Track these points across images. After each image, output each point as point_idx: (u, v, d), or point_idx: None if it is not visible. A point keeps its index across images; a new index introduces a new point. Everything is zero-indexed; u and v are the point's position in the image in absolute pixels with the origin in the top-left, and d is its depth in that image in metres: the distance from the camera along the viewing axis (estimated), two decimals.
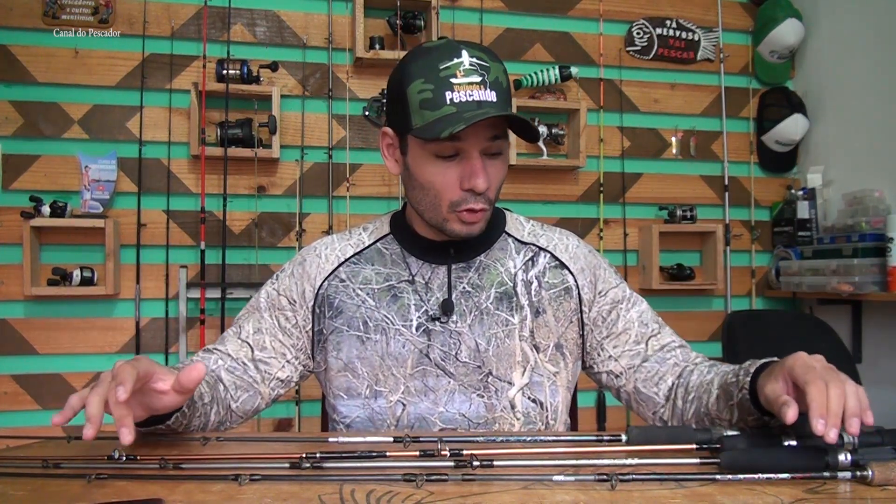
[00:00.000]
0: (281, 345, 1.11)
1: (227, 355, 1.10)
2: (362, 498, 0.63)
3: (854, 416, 0.72)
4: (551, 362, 1.09)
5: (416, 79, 0.97)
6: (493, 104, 0.96)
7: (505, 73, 1.01)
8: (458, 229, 1.03)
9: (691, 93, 3.04)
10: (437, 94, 0.95)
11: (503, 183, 1.07)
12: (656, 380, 1.09)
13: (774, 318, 2.69)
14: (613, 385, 1.14)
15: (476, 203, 1.00)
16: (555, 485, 0.68)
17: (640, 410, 1.12)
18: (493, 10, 2.83)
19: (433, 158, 1.00)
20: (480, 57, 0.97)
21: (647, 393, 1.09)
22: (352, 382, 1.07)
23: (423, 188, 1.02)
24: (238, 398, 1.08)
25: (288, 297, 1.12)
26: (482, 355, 1.06)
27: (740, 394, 0.89)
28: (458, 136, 0.95)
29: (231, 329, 1.14)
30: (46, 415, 2.43)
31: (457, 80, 0.95)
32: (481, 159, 0.99)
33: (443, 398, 1.05)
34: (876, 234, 2.47)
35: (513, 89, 2.76)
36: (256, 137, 2.51)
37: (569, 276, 1.12)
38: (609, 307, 1.13)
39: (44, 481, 0.71)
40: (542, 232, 1.17)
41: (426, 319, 1.07)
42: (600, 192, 2.89)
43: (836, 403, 0.72)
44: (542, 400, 1.08)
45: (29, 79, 2.45)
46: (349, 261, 1.12)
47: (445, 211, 1.02)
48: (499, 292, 1.08)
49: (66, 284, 2.35)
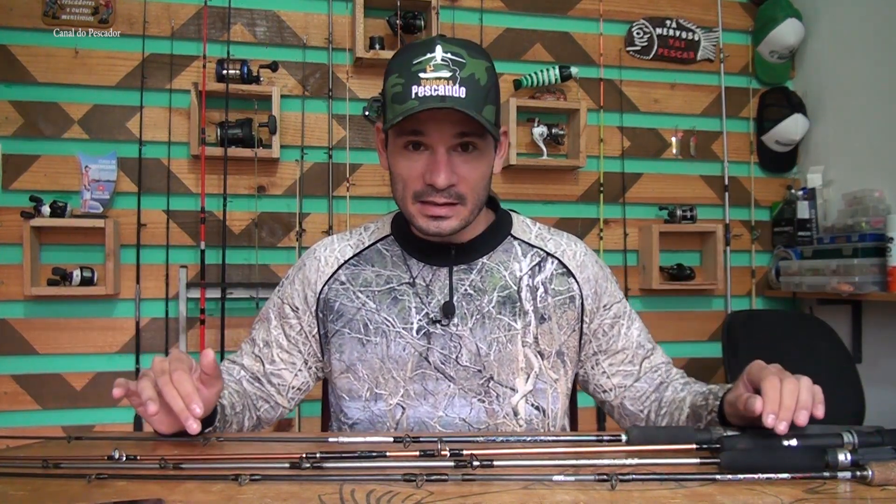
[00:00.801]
0: (289, 355, 1.12)
1: (246, 369, 1.14)
2: (362, 498, 0.63)
3: (804, 409, 0.76)
4: (553, 369, 1.09)
5: (392, 73, 0.98)
6: (459, 100, 0.93)
7: (488, 70, 0.98)
8: (422, 224, 1.01)
9: (691, 93, 3.04)
10: (405, 89, 0.95)
11: (487, 183, 1.04)
12: (643, 399, 1.12)
13: (774, 318, 2.69)
14: (599, 397, 1.17)
15: (438, 197, 0.98)
16: (555, 485, 0.68)
17: (621, 422, 1.15)
18: (493, 10, 2.82)
19: (403, 151, 1.00)
20: (457, 53, 0.96)
21: (633, 410, 1.12)
22: (353, 384, 1.08)
23: (395, 180, 1.04)
24: (261, 408, 1.12)
25: (291, 304, 1.13)
26: (483, 360, 1.05)
27: (709, 416, 0.93)
28: (422, 130, 0.97)
29: (246, 342, 1.17)
30: (46, 415, 2.43)
31: (425, 74, 0.94)
32: (447, 155, 0.98)
33: (442, 402, 1.04)
34: (876, 234, 2.47)
35: (512, 88, 2.77)
36: (256, 137, 2.51)
37: (574, 284, 1.11)
38: (611, 322, 1.13)
39: (44, 481, 0.70)
40: (550, 236, 1.15)
41: (427, 322, 1.06)
42: (600, 192, 2.88)
43: (789, 398, 0.77)
44: (545, 407, 1.08)
45: (29, 79, 2.45)
46: (349, 262, 1.12)
47: (410, 203, 1.01)
48: (501, 296, 1.07)
49: (66, 284, 2.35)
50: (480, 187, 1.02)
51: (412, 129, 0.97)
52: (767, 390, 0.78)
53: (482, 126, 0.96)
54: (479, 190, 1.02)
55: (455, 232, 1.02)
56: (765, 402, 0.76)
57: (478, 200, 1.03)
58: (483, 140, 1.00)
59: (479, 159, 1.01)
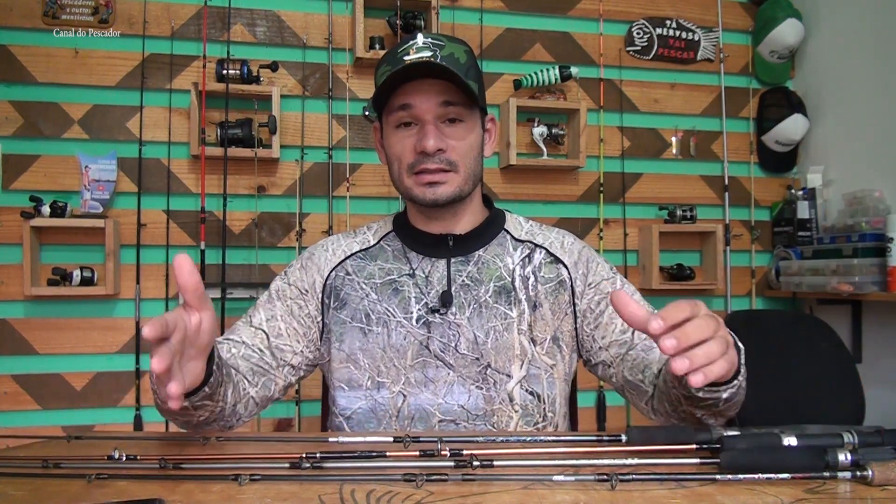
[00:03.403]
0: (295, 332, 1.13)
1: (242, 343, 1.10)
2: (362, 498, 0.63)
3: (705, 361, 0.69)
4: (548, 355, 1.11)
5: (381, 65, 1.08)
6: (442, 66, 1.01)
7: (467, 53, 1.07)
8: (419, 193, 1.07)
9: (691, 93, 3.04)
10: (392, 73, 1.03)
11: (477, 155, 1.11)
12: (642, 367, 1.07)
13: (774, 318, 2.69)
14: (608, 376, 1.14)
15: (430, 163, 1.05)
16: (555, 485, 0.68)
17: (634, 401, 1.11)
18: (493, 10, 2.83)
19: (394, 130, 1.08)
20: (437, 38, 1.06)
21: (634, 381, 1.07)
22: (353, 374, 1.09)
23: (390, 161, 1.10)
24: (257, 383, 1.07)
25: (300, 287, 1.15)
26: (481, 347, 1.08)
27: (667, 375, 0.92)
28: (409, 102, 1.04)
29: (241, 321, 1.15)
30: (46, 415, 2.43)
31: (409, 56, 1.04)
32: (434, 124, 1.05)
33: (442, 389, 1.07)
34: (876, 234, 2.47)
35: (512, 88, 2.77)
36: (256, 137, 2.51)
37: (563, 269, 1.15)
38: (599, 297, 1.14)
39: (44, 481, 0.70)
40: (540, 231, 1.20)
41: (426, 311, 1.09)
42: (600, 192, 2.88)
43: (694, 331, 0.70)
44: (540, 392, 1.09)
45: (29, 79, 2.45)
46: (355, 255, 1.16)
47: (406, 176, 1.08)
48: (497, 286, 1.11)
49: (66, 284, 2.35)
50: (471, 157, 1.09)
51: (400, 104, 1.05)
52: (667, 311, 0.70)
53: (465, 96, 1.05)
54: (469, 159, 1.08)
55: (451, 200, 1.08)
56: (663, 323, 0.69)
57: (469, 170, 1.09)
58: (469, 111, 1.08)
59: (466, 130, 1.08)
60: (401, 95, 1.05)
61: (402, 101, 1.05)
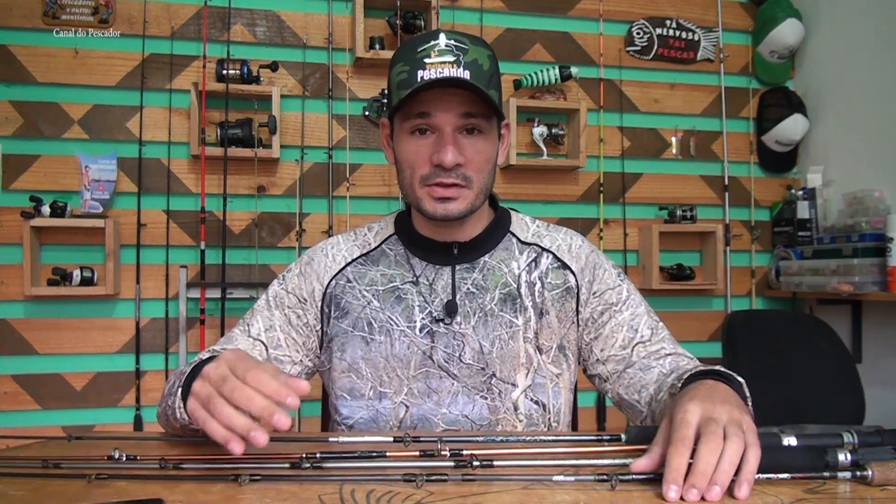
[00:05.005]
0: (294, 342, 1.09)
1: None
2: (362, 498, 0.63)
3: (716, 485, 0.63)
4: (554, 364, 1.08)
5: (397, 63, 1.01)
6: (465, 80, 0.96)
7: (490, 58, 1.01)
8: (430, 208, 1.01)
9: (691, 93, 3.04)
10: (411, 74, 0.97)
11: (492, 168, 1.05)
12: (638, 387, 1.04)
13: (774, 318, 2.68)
14: (604, 390, 1.12)
15: (446, 177, 0.99)
16: (555, 485, 0.68)
17: (629, 417, 1.10)
18: (493, 10, 2.82)
19: (409, 136, 1.02)
20: (460, 40, 0.99)
21: (630, 400, 1.06)
22: (355, 384, 1.07)
23: (401, 167, 1.04)
24: None
25: (298, 295, 1.11)
26: (486, 357, 1.05)
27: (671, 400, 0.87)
28: (429, 111, 0.98)
29: (237, 329, 1.11)
30: (46, 415, 2.43)
31: (430, 59, 0.97)
32: (453, 135, 0.99)
33: (446, 400, 1.04)
34: (876, 234, 2.47)
35: (513, 88, 2.77)
36: (256, 137, 2.51)
37: (570, 275, 1.11)
38: (602, 308, 1.11)
39: (44, 481, 0.70)
40: (547, 232, 1.16)
41: (430, 321, 1.06)
42: (600, 192, 2.88)
43: (705, 463, 0.64)
44: (545, 402, 1.07)
45: (29, 79, 2.45)
46: (356, 261, 1.12)
47: (418, 187, 1.02)
48: (503, 293, 1.07)
49: (66, 284, 2.35)
50: (486, 171, 1.04)
51: (419, 112, 0.99)
52: (672, 456, 0.65)
53: (487, 107, 0.99)
54: (484, 174, 1.03)
55: (462, 216, 1.03)
56: (667, 467, 0.64)
57: (483, 186, 1.04)
58: (488, 123, 1.02)
59: (484, 142, 1.02)
60: (420, 102, 0.98)
61: (422, 108, 0.99)
